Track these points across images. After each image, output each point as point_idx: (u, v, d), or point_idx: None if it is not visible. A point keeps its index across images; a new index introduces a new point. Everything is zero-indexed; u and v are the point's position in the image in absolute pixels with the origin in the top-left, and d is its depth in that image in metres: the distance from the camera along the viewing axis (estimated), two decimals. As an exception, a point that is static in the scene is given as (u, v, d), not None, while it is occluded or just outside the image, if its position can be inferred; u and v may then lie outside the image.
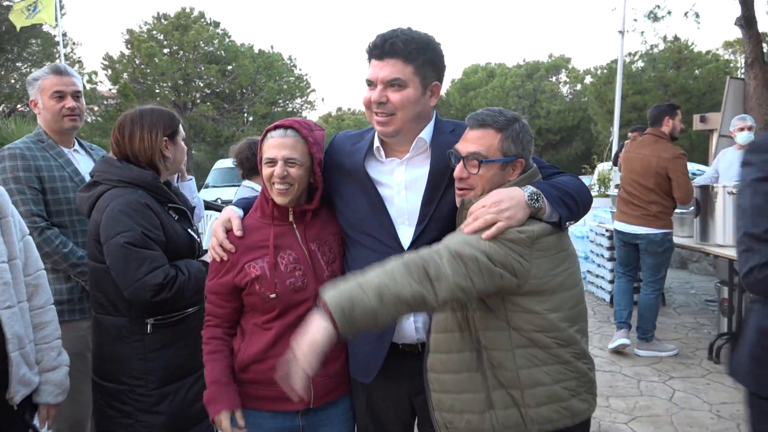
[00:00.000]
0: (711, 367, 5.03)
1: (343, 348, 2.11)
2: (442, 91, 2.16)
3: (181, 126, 2.48)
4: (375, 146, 2.02)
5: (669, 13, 11.47)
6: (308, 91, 33.56)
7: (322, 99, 66.87)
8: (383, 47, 1.86)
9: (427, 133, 1.99)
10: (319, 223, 2.12)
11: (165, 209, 2.36)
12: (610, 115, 26.58)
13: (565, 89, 35.00)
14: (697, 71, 24.04)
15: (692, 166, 10.95)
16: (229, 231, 2.05)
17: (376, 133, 2.02)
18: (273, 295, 1.98)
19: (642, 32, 13.94)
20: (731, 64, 25.28)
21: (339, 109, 58.17)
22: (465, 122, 1.95)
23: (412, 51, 1.86)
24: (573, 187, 1.83)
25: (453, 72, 37.31)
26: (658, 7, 11.57)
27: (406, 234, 1.97)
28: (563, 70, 34.77)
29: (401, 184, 1.99)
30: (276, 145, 1.99)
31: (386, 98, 1.88)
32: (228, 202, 2.59)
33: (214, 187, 17.71)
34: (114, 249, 2.15)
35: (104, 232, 2.18)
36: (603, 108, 26.19)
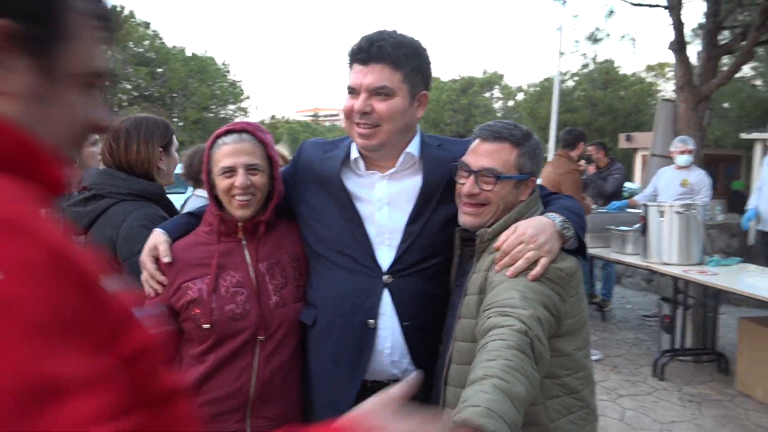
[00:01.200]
0: (656, 384, 5.07)
1: (293, 388, 1.87)
2: None
3: (174, 136, 2.36)
4: (353, 158, 1.80)
5: (608, 35, 11.95)
6: (242, 97, 32.90)
7: (256, 106, 65.66)
8: (369, 51, 1.65)
9: (414, 146, 1.79)
10: (272, 240, 1.88)
11: None
12: (542, 132, 27.50)
13: (498, 105, 35.91)
14: (622, 92, 25.23)
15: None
16: (158, 259, 1.81)
17: (353, 144, 1.81)
18: (207, 326, 1.75)
19: (584, 54, 14.42)
20: (653, 87, 26.70)
21: (273, 117, 57.36)
22: (449, 138, 1.84)
23: (401, 56, 1.67)
24: (580, 210, 1.68)
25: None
26: (598, 29, 12.04)
27: (385, 255, 1.77)
28: (496, 87, 35.67)
29: (383, 200, 1.79)
30: (232, 152, 1.76)
31: (371, 108, 1.67)
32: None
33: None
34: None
35: (126, 248, 2.02)
36: (535, 124, 26.99)
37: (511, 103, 34.89)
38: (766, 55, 12.49)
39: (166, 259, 1.79)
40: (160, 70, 28.87)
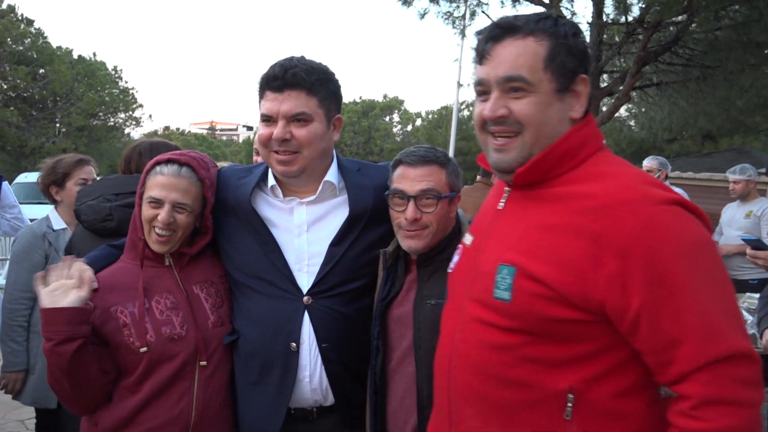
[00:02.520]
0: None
1: (230, 412, 1.82)
2: None
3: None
4: (270, 185, 1.80)
5: None
6: (134, 105, 31.32)
7: (150, 116, 62.77)
8: (284, 77, 1.66)
9: (332, 174, 1.82)
10: (202, 266, 1.85)
11: None
12: (438, 158, 28.55)
13: (396, 129, 36.81)
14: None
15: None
16: None
17: (269, 171, 1.80)
18: (144, 349, 1.67)
19: None
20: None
21: (167, 128, 55.08)
22: (365, 162, 1.89)
23: (314, 82, 1.69)
24: None
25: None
26: None
27: (305, 278, 1.76)
28: (396, 111, 36.60)
29: (302, 226, 1.79)
30: (166, 185, 1.70)
31: (290, 134, 1.67)
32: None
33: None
34: None
35: None
36: (432, 150, 27.99)
37: (410, 127, 35.88)
38: (638, 99, 13.82)
39: (92, 285, 1.68)
40: (42, 71, 26.85)
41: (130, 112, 31.26)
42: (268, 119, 1.69)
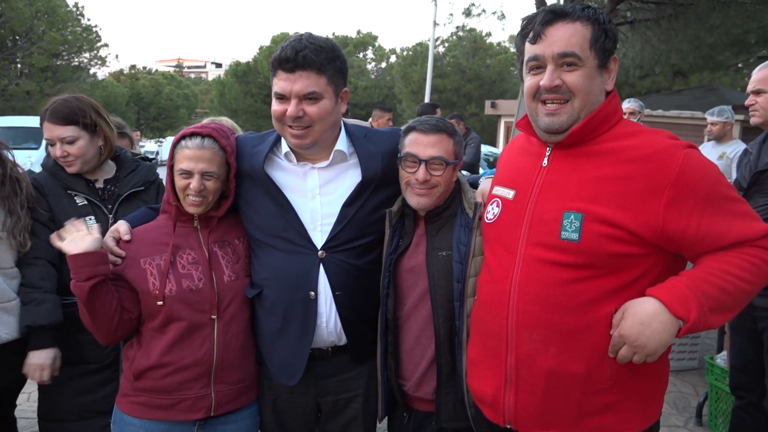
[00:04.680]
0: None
1: (250, 355, 2.08)
2: (250, 58, 2.19)
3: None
4: (283, 151, 2.00)
5: (483, 11, 13.05)
6: (98, 44, 30.15)
7: (116, 55, 60.41)
8: (296, 59, 1.82)
9: (342, 143, 2.01)
10: (224, 226, 2.08)
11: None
12: (414, 95, 28.36)
13: (371, 66, 36.23)
14: (489, 61, 26.62)
15: (485, 148, 12.29)
16: (118, 240, 2.00)
17: (282, 139, 1.99)
18: (160, 302, 1.93)
19: (458, 26, 15.46)
20: (516, 57, 28.39)
21: (133, 67, 53.28)
22: (370, 128, 2.11)
23: (323, 61, 1.85)
24: None
25: (262, 39, 36.33)
26: (473, 5, 13.13)
27: (319, 235, 1.98)
28: (370, 48, 35.92)
29: (315, 189, 2.00)
30: (192, 157, 1.91)
31: (303, 112, 1.86)
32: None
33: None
34: None
35: None
36: (408, 88, 27.77)
37: (384, 64, 35.36)
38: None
39: (126, 237, 1.97)
40: (-2, 8, 25.57)
41: (95, 51, 30.13)
42: (281, 97, 1.87)
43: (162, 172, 2.30)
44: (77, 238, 1.85)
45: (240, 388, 2.05)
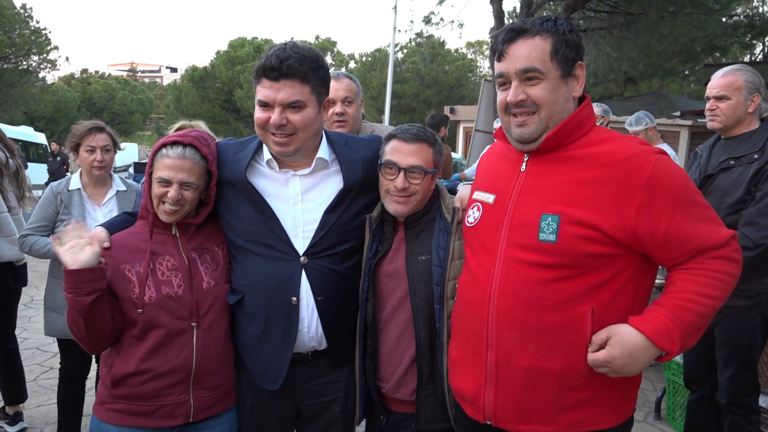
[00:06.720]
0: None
1: (229, 360, 2.08)
2: (206, 62, 2.23)
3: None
4: (266, 159, 2.01)
5: (442, 20, 13.41)
6: (48, 48, 29.17)
7: (66, 58, 58.65)
8: (280, 69, 1.83)
9: (324, 150, 2.04)
10: (203, 235, 2.08)
11: None
12: (374, 101, 28.48)
13: (330, 71, 36.14)
14: (447, 67, 26.98)
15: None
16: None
17: (264, 146, 2.01)
18: (140, 310, 1.92)
19: (417, 33, 15.76)
20: (473, 63, 28.92)
21: (85, 71, 51.82)
22: (351, 135, 2.15)
23: (307, 71, 1.87)
24: None
25: (219, 43, 35.88)
26: (433, 13, 13.66)
27: (301, 242, 2.00)
28: (329, 53, 35.87)
29: (297, 196, 2.02)
30: (173, 167, 1.91)
31: (287, 120, 1.88)
32: None
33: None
34: None
35: None
36: (367, 93, 27.86)
37: (343, 70, 35.33)
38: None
39: (105, 245, 1.94)
40: (-60, 9, 24.56)
41: (45, 55, 29.16)
42: (265, 105, 1.88)
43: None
44: (76, 249, 1.81)
45: (219, 394, 2.05)
